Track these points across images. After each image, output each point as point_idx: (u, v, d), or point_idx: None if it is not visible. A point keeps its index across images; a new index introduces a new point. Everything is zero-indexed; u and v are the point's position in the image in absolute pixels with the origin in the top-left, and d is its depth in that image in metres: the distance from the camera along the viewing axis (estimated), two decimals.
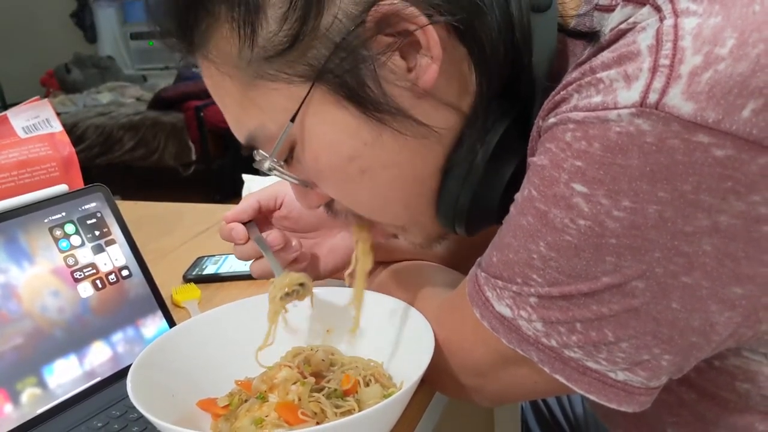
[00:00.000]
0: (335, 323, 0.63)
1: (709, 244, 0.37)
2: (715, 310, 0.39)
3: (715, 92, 0.34)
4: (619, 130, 0.36)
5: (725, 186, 0.35)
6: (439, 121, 0.48)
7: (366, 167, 0.49)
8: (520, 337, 0.45)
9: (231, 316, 0.63)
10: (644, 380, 0.43)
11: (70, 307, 0.63)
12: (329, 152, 0.49)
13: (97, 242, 0.67)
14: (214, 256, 0.92)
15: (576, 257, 0.40)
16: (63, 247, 0.64)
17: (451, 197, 0.51)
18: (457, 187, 0.50)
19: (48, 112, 0.89)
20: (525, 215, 0.43)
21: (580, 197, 0.39)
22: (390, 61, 0.45)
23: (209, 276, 0.87)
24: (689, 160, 0.35)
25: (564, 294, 0.42)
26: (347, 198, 0.53)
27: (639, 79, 0.36)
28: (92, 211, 0.68)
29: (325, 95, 0.46)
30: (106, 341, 0.64)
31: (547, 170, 0.40)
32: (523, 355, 0.46)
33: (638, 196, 0.37)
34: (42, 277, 0.62)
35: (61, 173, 0.86)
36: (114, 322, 0.65)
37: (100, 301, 0.65)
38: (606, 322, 0.41)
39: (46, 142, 0.86)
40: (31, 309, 0.60)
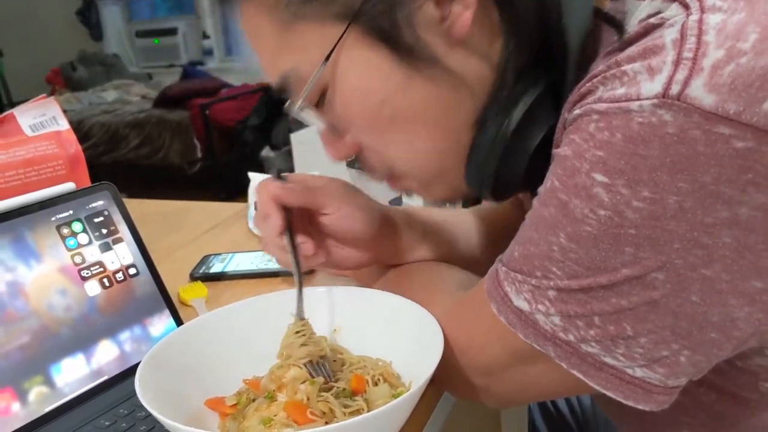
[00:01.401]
0: (342, 322, 0.63)
1: (728, 236, 0.37)
2: (734, 304, 0.39)
3: (736, 85, 0.35)
4: (641, 120, 0.37)
5: (745, 178, 0.36)
6: (470, 73, 0.49)
7: (396, 114, 0.50)
8: (537, 331, 0.45)
9: (239, 314, 0.63)
10: (662, 377, 0.42)
11: (78, 305, 0.63)
12: (360, 96, 0.50)
13: (105, 240, 0.67)
14: (220, 255, 0.92)
15: (595, 248, 0.40)
16: (70, 245, 0.64)
17: (478, 159, 0.51)
18: (485, 149, 0.50)
19: (55, 110, 0.88)
20: (547, 206, 0.43)
21: (600, 187, 0.39)
22: (424, 8, 0.46)
23: (216, 274, 0.87)
24: (710, 151, 0.35)
25: (583, 287, 0.41)
26: (377, 145, 0.53)
27: (662, 72, 0.37)
28: (99, 209, 0.67)
29: (359, 37, 0.47)
30: (114, 340, 0.64)
31: (570, 160, 0.41)
32: (539, 351, 0.45)
33: (658, 186, 0.37)
34: (49, 275, 0.62)
35: (68, 171, 0.86)
36: (121, 321, 0.65)
37: (108, 299, 0.65)
38: (625, 316, 0.41)
39: (52, 140, 0.85)
40: (38, 307, 0.60)
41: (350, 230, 0.62)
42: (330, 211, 0.61)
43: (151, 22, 5.78)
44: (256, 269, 0.86)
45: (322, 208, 0.61)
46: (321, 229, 0.62)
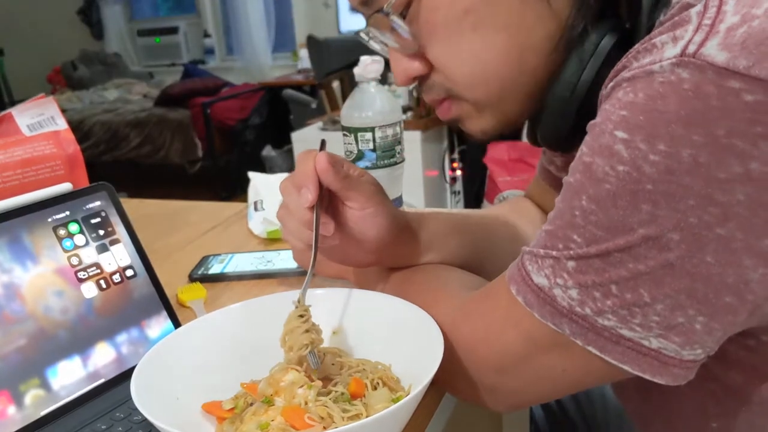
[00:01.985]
0: (341, 325, 0.62)
1: (742, 193, 0.38)
2: (749, 265, 0.40)
3: (747, 44, 0.37)
4: (662, 80, 0.39)
5: (755, 131, 0.37)
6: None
7: (479, 23, 0.52)
8: (553, 309, 0.46)
9: (237, 316, 0.62)
10: (677, 348, 0.43)
11: (74, 307, 0.62)
12: (447, 2, 0.52)
13: (102, 242, 0.66)
14: (219, 255, 0.91)
15: (614, 207, 0.41)
16: (67, 246, 0.64)
17: (555, 111, 0.54)
18: (562, 101, 0.53)
19: (53, 109, 0.88)
20: (574, 174, 0.45)
21: (621, 143, 0.41)
22: None
23: (215, 275, 0.86)
24: (722, 104, 0.37)
25: (601, 252, 0.42)
26: (450, 57, 0.55)
27: (684, 38, 0.39)
28: (96, 210, 0.67)
29: None
30: (110, 342, 0.63)
31: (598, 126, 0.43)
32: (555, 331, 0.46)
33: (673, 139, 0.39)
34: (46, 276, 0.61)
35: (66, 171, 0.85)
36: (118, 323, 0.64)
37: (104, 301, 0.64)
38: (642, 281, 0.42)
39: (50, 140, 0.85)
40: (34, 309, 0.59)
41: (366, 231, 0.62)
42: (354, 206, 0.61)
43: (152, 21, 5.78)
44: (256, 270, 0.86)
45: (349, 200, 0.61)
46: (338, 219, 0.62)
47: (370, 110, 0.88)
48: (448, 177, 3.02)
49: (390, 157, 0.90)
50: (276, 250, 0.92)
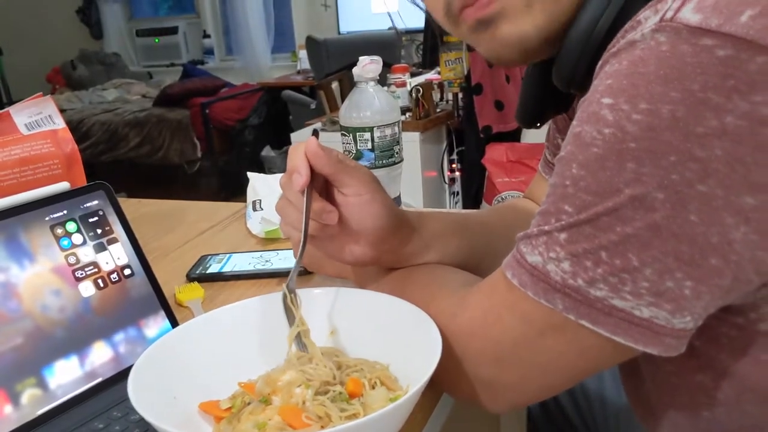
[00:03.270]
0: (339, 324, 0.62)
1: (719, 147, 0.40)
2: (731, 223, 0.41)
3: (719, 5, 0.40)
4: (643, 46, 0.42)
5: (728, 84, 0.39)
6: None
7: None
8: (547, 285, 0.47)
9: (234, 316, 0.62)
10: (668, 315, 0.44)
11: (72, 306, 0.62)
12: None
13: (99, 241, 0.66)
14: (218, 255, 0.91)
15: (601, 169, 0.43)
16: (64, 245, 0.63)
17: (571, 55, 0.54)
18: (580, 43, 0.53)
19: (51, 108, 0.88)
20: (565, 147, 0.46)
21: (606, 108, 0.43)
22: None
23: (213, 275, 0.86)
24: (696, 61, 0.40)
25: (590, 217, 0.44)
26: None
27: (662, 9, 0.42)
28: (94, 209, 0.67)
29: None
30: (108, 341, 0.63)
31: (587, 98, 0.45)
32: (549, 309, 0.47)
33: (653, 97, 0.41)
34: (43, 275, 0.61)
35: (64, 170, 0.85)
36: (116, 322, 0.64)
37: (102, 300, 0.64)
38: (630, 245, 0.43)
39: (48, 139, 0.85)
40: (31, 308, 0.59)
41: (363, 220, 0.61)
42: (349, 193, 0.61)
43: (151, 21, 5.78)
44: (254, 270, 0.86)
45: (344, 186, 0.61)
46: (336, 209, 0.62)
47: (369, 110, 0.88)
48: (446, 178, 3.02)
49: (388, 157, 0.90)
50: (274, 250, 0.92)
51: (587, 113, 0.44)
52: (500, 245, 0.68)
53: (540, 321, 0.48)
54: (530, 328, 0.49)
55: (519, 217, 0.77)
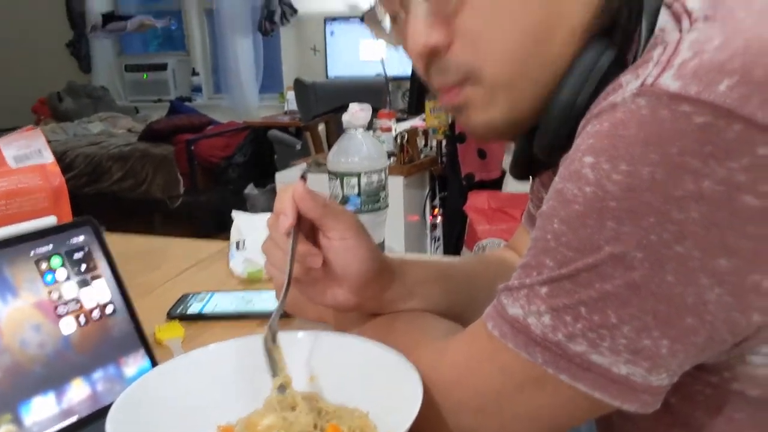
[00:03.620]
0: (319, 369, 0.62)
1: (696, 211, 0.41)
2: (706, 284, 0.42)
3: (698, 73, 0.41)
4: (624, 109, 0.43)
5: (706, 150, 0.40)
6: None
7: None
8: (527, 338, 0.47)
9: (214, 357, 0.62)
10: (645, 373, 0.45)
11: (52, 342, 0.61)
12: None
13: (83, 277, 0.66)
14: (199, 294, 0.91)
15: (582, 226, 0.44)
16: (48, 280, 0.63)
17: (552, 124, 0.54)
18: (561, 112, 0.53)
19: (40, 142, 0.88)
20: (547, 202, 0.48)
21: (588, 167, 0.44)
22: None
23: (193, 315, 0.86)
24: (675, 126, 0.41)
25: (571, 272, 0.45)
26: (481, 27, 0.53)
27: (644, 74, 0.44)
28: (80, 244, 0.67)
29: None
30: (86, 379, 0.63)
31: (569, 156, 0.47)
32: (529, 362, 0.47)
33: (633, 158, 0.42)
34: (24, 310, 0.61)
35: (51, 204, 0.85)
36: (95, 360, 0.64)
37: (82, 337, 0.64)
38: (609, 302, 0.44)
39: (36, 173, 0.85)
40: (11, 343, 0.59)
41: (346, 264, 0.62)
42: (334, 237, 0.62)
43: (141, 57, 5.82)
44: (235, 311, 0.86)
45: (329, 230, 0.62)
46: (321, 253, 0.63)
47: (357, 156, 0.90)
48: (428, 223, 3.04)
49: (374, 202, 0.91)
50: (257, 291, 0.92)
51: (569, 171, 0.46)
52: (482, 295, 0.69)
53: (519, 373, 0.49)
54: (510, 380, 0.50)
55: (502, 268, 0.78)
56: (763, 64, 0.40)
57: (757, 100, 0.40)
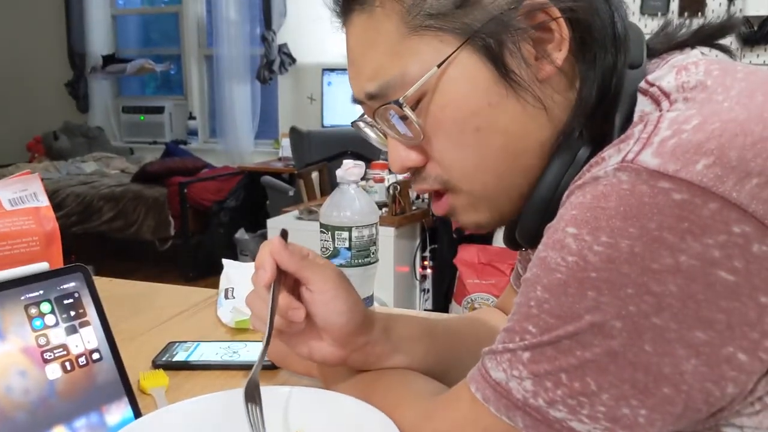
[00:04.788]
0: (304, 425, 0.62)
1: (673, 284, 0.42)
2: (682, 355, 0.43)
3: (676, 152, 0.43)
4: (605, 183, 0.45)
5: (683, 226, 0.42)
6: (549, 106, 0.56)
7: (482, 126, 0.56)
8: (509, 402, 0.48)
9: (197, 410, 0.62)
10: None
11: (36, 388, 0.61)
12: (456, 104, 0.56)
13: (72, 323, 0.66)
14: (185, 342, 0.91)
15: (564, 295, 0.46)
16: (36, 326, 0.63)
17: (534, 210, 0.57)
18: (542, 202, 0.56)
19: (36, 186, 0.89)
20: (531, 269, 0.49)
21: (570, 237, 0.46)
22: (524, 42, 0.55)
23: (179, 363, 0.85)
24: (653, 201, 0.43)
25: (552, 339, 0.46)
26: (451, 153, 0.58)
27: (625, 150, 0.46)
28: (70, 291, 0.67)
29: (470, 53, 0.55)
30: (68, 426, 0.62)
31: (553, 226, 0.48)
32: (509, 427, 0.48)
33: (613, 231, 0.44)
34: (11, 355, 0.61)
35: (42, 248, 0.86)
36: (78, 407, 0.63)
37: (67, 384, 0.64)
38: (588, 369, 0.45)
39: (30, 216, 0.86)
40: None
41: (327, 316, 0.63)
42: (314, 289, 0.63)
43: (138, 99, 5.88)
44: (221, 361, 0.85)
45: (309, 283, 0.63)
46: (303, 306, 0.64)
47: (349, 210, 0.91)
48: (418, 275, 3.04)
49: (365, 257, 0.92)
50: (243, 341, 0.92)
51: (552, 240, 0.47)
52: (467, 355, 0.69)
53: None
54: None
55: (487, 330, 0.79)
56: (738, 146, 0.42)
57: (732, 181, 0.42)
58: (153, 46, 5.85)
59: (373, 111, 0.60)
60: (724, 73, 0.50)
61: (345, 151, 3.32)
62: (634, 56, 0.57)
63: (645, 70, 0.57)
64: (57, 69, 5.65)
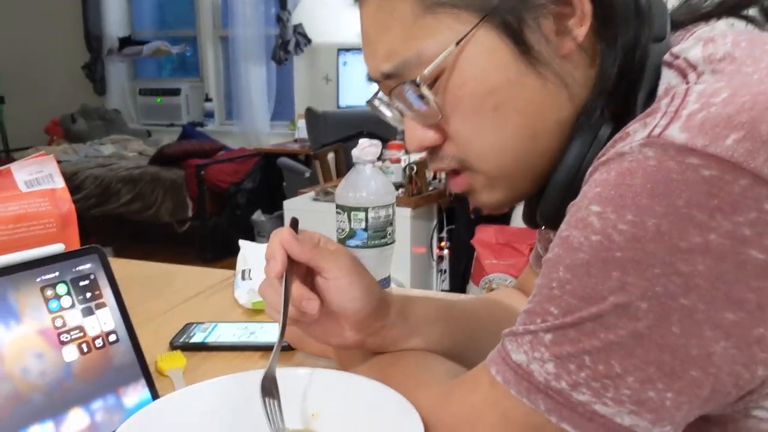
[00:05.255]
0: (321, 407, 0.62)
1: (702, 263, 0.41)
2: (710, 336, 0.42)
3: (705, 126, 0.42)
4: (631, 159, 0.44)
5: (712, 204, 0.40)
6: (570, 82, 0.55)
7: (500, 104, 0.55)
8: (530, 384, 0.47)
9: (215, 392, 0.62)
10: (649, 424, 0.44)
11: (53, 370, 0.61)
12: (475, 81, 0.55)
13: (88, 305, 0.66)
14: (202, 324, 0.91)
15: (587, 275, 0.44)
16: (53, 307, 0.63)
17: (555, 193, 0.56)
18: (563, 184, 0.55)
19: (52, 167, 0.89)
20: (553, 249, 0.48)
21: (594, 216, 0.44)
22: (545, 17, 0.53)
23: (196, 344, 0.85)
24: (681, 177, 0.41)
25: (575, 321, 0.45)
26: (469, 131, 0.57)
27: (651, 124, 0.44)
28: (86, 272, 0.67)
29: (489, 30, 0.53)
30: (86, 408, 0.62)
31: (576, 204, 0.47)
32: (531, 409, 0.47)
33: (639, 209, 0.42)
34: (28, 337, 0.61)
35: (58, 229, 0.85)
36: (95, 389, 0.63)
37: (84, 366, 0.63)
38: (613, 352, 0.44)
39: (46, 197, 0.86)
40: (12, 371, 0.59)
41: (342, 303, 0.62)
42: (328, 276, 0.62)
43: (155, 82, 5.89)
44: (238, 342, 0.85)
45: (323, 271, 0.62)
46: (318, 294, 0.63)
47: (365, 191, 0.90)
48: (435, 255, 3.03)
49: (381, 237, 0.91)
50: (260, 322, 0.91)
51: (575, 218, 0.46)
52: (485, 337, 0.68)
53: (521, 420, 0.49)
54: (511, 427, 0.49)
55: (506, 311, 0.78)
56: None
57: (764, 156, 0.40)
58: (168, 27, 5.84)
59: (389, 90, 0.59)
60: (752, 45, 0.48)
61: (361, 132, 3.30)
62: (657, 29, 0.55)
63: (669, 43, 0.55)
64: (74, 52, 5.67)
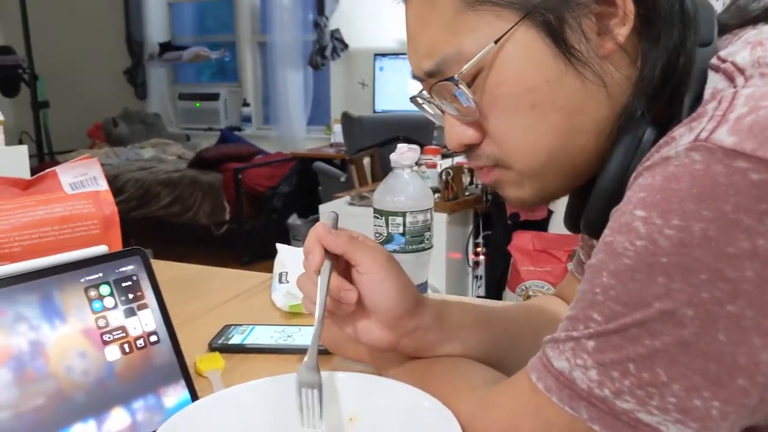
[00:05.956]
0: (359, 411, 0.61)
1: (750, 269, 0.40)
2: (758, 344, 0.41)
3: (754, 129, 0.41)
4: (677, 163, 0.43)
5: (761, 208, 0.40)
6: (610, 83, 0.54)
7: (538, 103, 0.55)
8: (572, 392, 0.47)
9: (253, 394, 0.62)
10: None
11: (96, 369, 0.62)
12: (513, 80, 0.55)
13: (130, 305, 0.67)
14: (241, 326, 0.92)
15: (632, 281, 0.44)
16: (96, 308, 0.64)
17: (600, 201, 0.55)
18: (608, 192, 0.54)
19: (96, 170, 0.91)
20: (596, 255, 0.47)
21: (639, 221, 0.44)
22: (586, 17, 0.53)
23: (235, 346, 0.86)
24: (729, 182, 0.40)
25: (619, 327, 0.44)
26: (506, 129, 0.57)
27: (698, 128, 0.44)
28: (129, 273, 0.68)
29: (529, 28, 0.53)
30: (127, 408, 0.63)
31: (620, 209, 0.46)
32: (573, 417, 0.46)
33: (686, 214, 0.42)
34: (72, 337, 0.62)
35: (102, 231, 0.87)
36: (136, 389, 0.64)
37: (126, 366, 0.64)
38: (658, 359, 0.43)
39: (90, 200, 0.87)
40: (56, 369, 0.60)
41: (375, 298, 0.63)
42: (363, 270, 0.63)
43: (194, 86, 5.98)
44: (276, 345, 0.86)
45: (358, 264, 0.63)
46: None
47: (403, 195, 0.90)
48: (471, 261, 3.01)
49: (419, 242, 0.91)
50: (297, 326, 0.92)
51: (619, 223, 0.45)
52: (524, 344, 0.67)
53: (563, 428, 0.48)
54: None
55: (546, 318, 0.77)
56: None
57: None
58: (208, 33, 5.93)
59: (430, 87, 0.59)
60: None
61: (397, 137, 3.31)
62: (704, 33, 0.54)
63: (716, 47, 0.54)
64: (116, 57, 5.79)
